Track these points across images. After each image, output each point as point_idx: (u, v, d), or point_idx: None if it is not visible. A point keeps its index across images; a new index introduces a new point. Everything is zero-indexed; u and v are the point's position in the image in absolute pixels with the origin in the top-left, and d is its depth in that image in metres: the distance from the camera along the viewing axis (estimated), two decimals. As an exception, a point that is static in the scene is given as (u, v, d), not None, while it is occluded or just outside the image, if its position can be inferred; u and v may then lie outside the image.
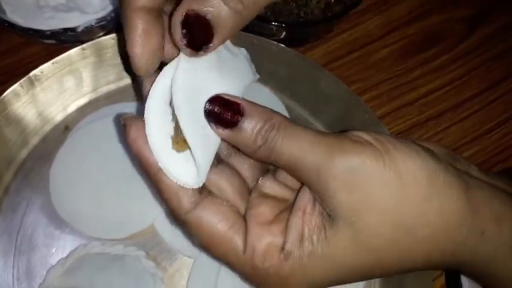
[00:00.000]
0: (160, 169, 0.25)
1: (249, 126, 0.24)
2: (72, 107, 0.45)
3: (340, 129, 0.44)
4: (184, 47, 0.24)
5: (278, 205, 0.26)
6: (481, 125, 0.49)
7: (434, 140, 0.47)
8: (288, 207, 0.26)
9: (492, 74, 0.51)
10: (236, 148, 0.27)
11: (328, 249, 0.24)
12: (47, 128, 0.44)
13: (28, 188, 0.42)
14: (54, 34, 0.45)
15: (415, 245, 0.24)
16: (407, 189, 0.23)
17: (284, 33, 0.46)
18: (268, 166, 0.29)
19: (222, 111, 0.24)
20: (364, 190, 0.23)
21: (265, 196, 0.27)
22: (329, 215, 0.24)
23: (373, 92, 0.49)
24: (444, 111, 0.49)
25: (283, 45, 0.45)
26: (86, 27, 0.45)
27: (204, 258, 0.39)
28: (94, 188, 0.41)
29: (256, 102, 0.45)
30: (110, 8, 0.46)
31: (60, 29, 0.44)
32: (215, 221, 0.25)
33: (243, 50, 0.29)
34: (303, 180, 0.25)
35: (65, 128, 0.44)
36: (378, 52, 0.51)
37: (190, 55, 0.25)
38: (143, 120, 0.25)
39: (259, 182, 0.28)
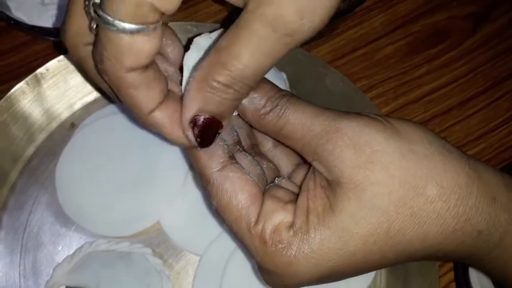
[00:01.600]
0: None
1: (260, 92, 0.25)
2: (78, 105, 0.45)
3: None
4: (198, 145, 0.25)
5: (292, 195, 0.27)
6: (487, 122, 0.48)
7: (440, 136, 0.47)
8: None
9: (498, 71, 0.51)
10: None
11: (334, 218, 0.23)
12: (53, 125, 0.44)
13: (34, 186, 0.42)
14: (59, 31, 0.44)
15: (424, 204, 0.23)
16: (409, 146, 0.23)
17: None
18: (283, 174, 0.29)
19: None
20: (367, 145, 0.23)
21: (281, 187, 0.27)
22: (331, 183, 0.24)
23: (378, 90, 0.49)
24: (450, 109, 0.49)
25: (288, 43, 0.44)
26: (92, 25, 0.45)
27: (211, 256, 0.39)
28: (100, 186, 0.41)
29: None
30: (115, 5, 0.46)
31: (66, 26, 0.44)
32: (237, 186, 0.25)
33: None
34: (310, 147, 0.25)
35: (71, 125, 0.44)
36: (383, 49, 0.51)
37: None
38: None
39: (275, 180, 0.28)
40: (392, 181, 0.23)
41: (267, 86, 0.25)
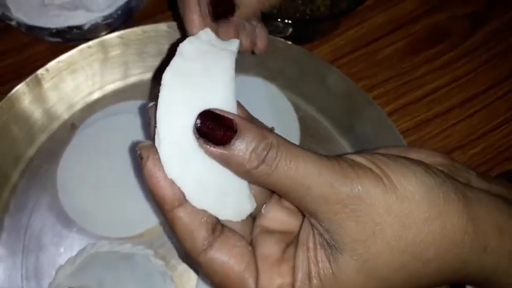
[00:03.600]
0: (176, 207, 0.23)
1: (243, 143, 0.22)
2: (79, 105, 0.45)
3: (347, 127, 0.44)
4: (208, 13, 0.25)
5: (284, 238, 0.26)
6: (488, 121, 0.48)
7: (442, 136, 0.47)
8: (294, 240, 0.26)
9: (498, 71, 0.51)
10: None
11: (336, 284, 0.23)
12: (54, 126, 0.44)
13: (35, 187, 0.41)
14: (59, 32, 0.45)
15: (421, 267, 0.23)
16: (409, 212, 0.23)
17: (290, 30, 0.46)
18: None
19: (214, 127, 0.22)
20: (370, 218, 0.23)
21: (269, 231, 0.26)
22: (331, 246, 0.23)
23: (380, 89, 0.49)
24: (451, 108, 0.49)
25: (290, 42, 0.45)
26: (92, 25, 0.45)
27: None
28: (101, 187, 0.41)
29: (263, 100, 0.46)
30: (115, 5, 0.46)
31: (66, 26, 0.44)
32: (229, 263, 0.24)
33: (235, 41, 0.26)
34: (306, 208, 0.23)
35: (72, 125, 0.44)
36: (384, 49, 0.51)
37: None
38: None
39: (263, 210, 0.27)
40: (392, 252, 0.23)
41: (250, 134, 0.22)
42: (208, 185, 0.24)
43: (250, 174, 0.23)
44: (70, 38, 0.46)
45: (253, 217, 0.27)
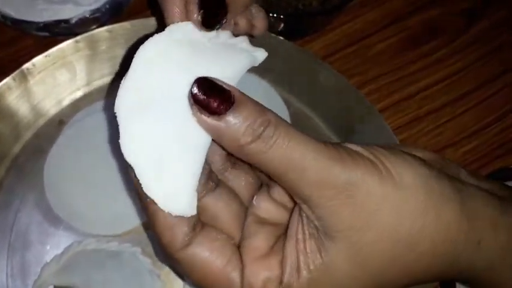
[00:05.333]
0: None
1: (240, 116, 0.21)
2: (66, 101, 0.44)
3: (339, 123, 0.44)
4: (200, 24, 0.24)
5: (274, 231, 0.25)
6: (481, 119, 0.48)
7: (434, 133, 0.47)
8: (283, 233, 0.25)
9: (491, 68, 0.51)
10: (227, 153, 0.25)
11: (327, 275, 0.23)
12: (41, 122, 0.43)
13: (21, 184, 0.41)
14: (47, 26, 0.44)
15: (415, 260, 0.23)
16: (406, 202, 0.22)
17: (282, 25, 0.45)
18: (263, 180, 0.27)
19: (209, 96, 0.21)
20: (366, 205, 0.22)
21: (261, 222, 0.25)
22: (322, 235, 0.23)
23: (372, 86, 0.48)
24: (443, 105, 0.48)
25: (281, 38, 0.44)
26: (80, 19, 0.44)
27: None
28: (89, 184, 0.40)
29: (254, 95, 0.45)
30: (104, -1, 0.45)
31: (54, 20, 0.44)
32: (210, 258, 0.23)
33: (243, 38, 0.27)
34: (300, 192, 0.22)
35: (59, 122, 0.43)
36: (377, 45, 0.50)
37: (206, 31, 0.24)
38: None
39: (254, 202, 0.26)
40: (387, 241, 0.22)
41: (247, 107, 0.22)
42: (161, 173, 0.22)
43: (244, 151, 0.21)
44: (57, 32, 0.45)
45: (245, 212, 0.26)
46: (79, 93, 0.44)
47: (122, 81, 0.22)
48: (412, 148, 0.27)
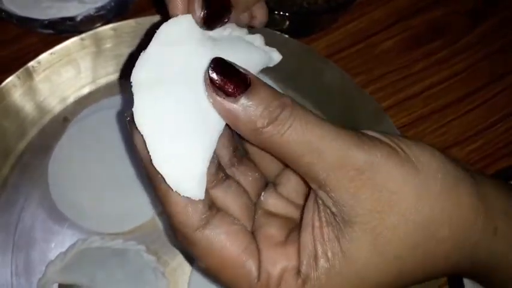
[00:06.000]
0: None
1: (256, 99, 0.21)
2: (71, 99, 0.44)
3: (344, 122, 0.44)
4: (202, 23, 0.23)
5: (286, 224, 0.24)
6: (486, 118, 0.48)
7: (440, 132, 0.47)
8: (296, 226, 0.24)
9: (496, 67, 0.50)
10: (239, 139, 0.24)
11: (346, 263, 0.22)
12: (46, 119, 0.43)
13: (26, 182, 0.41)
14: (52, 23, 0.44)
15: (436, 247, 0.22)
16: (425, 184, 0.22)
17: (287, 23, 0.45)
18: (269, 178, 0.27)
19: (226, 78, 0.21)
20: (386, 187, 0.21)
21: (271, 215, 0.25)
22: (341, 221, 0.22)
23: (377, 84, 0.48)
24: (448, 104, 0.48)
25: (286, 36, 0.44)
26: (85, 17, 0.44)
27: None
28: (93, 182, 0.40)
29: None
30: (109, -3, 0.45)
31: (59, 18, 0.43)
32: (228, 242, 0.22)
33: (257, 36, 0.26)
34: (316, 176, 0.21)
35: (64, 119, 0.43)
36: (382, 44, 0.50)
37: (207, 29, 0.24)
38: None
39: (262, 198, 0.26)
40: (407, 226, 0.21)
41: (264, 90, 0.21)
42: (173, 149, 0.22)
43: (260, 134, 0.21)
44: (62, 29, 0.45)
45: (253, 206, 0.25)
46: (84, 91, 0.44)
47: (142, 53, 0.22)
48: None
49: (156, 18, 0.45)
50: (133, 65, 0.22)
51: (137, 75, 0.22)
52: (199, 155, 0.22)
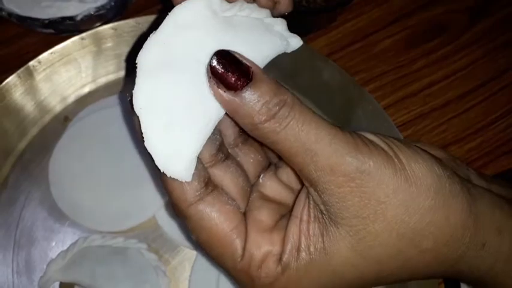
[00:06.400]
0: None
1: (256, 94, 0.21)
2: (72, 98, 0.44)
3: (343, 121, 0.44)
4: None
5: (279, 209, 0.25)
6: (485, 115, 0.48)
7: (439, 130, 0.47)
8: (288, 212, 0.25)
9: (495, 65, 0.51)
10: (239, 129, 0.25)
11: (325, 260, 0.22)
12: (46, 118, 0.43)
13: (27, 181, 0.41)
14: (52, 23, 0.44)
15: (417, 256, 0.23)
16: (416, 197, 0.22)
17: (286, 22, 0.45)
18: (272, 160, 0.28)
19: (228, 70, 0.21)
20: (375, 196, 0.22)
21: (266, 199, 0.25)
22: (327, 219, 0.22)
23: (376, 83, 0.48)
24: (448, 102, 0.48)
25: (286, 35, 0.44)
26: (85, 16, 0.44)
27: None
28: (95, 180, 0.40)
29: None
30: (109, -4, 0.45)
31: (59, 17, 0.44)
32: (218, 219, 0.23)
33: (279, 20, 0.25)
34: (308, 175, 0.22)
35: (65, 118, 0.43)
36: (381, 42, 0.50)
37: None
38: None
39: (260, 180, 0.26)
40: (390, 235, 0.22)
41: (265, 85, 0.21)
42: (165, 131, 0.22)
43: (257, 129, 0.21)
44: (63, 29, 0.45)
45: (250, 187, 0.26)
46: (84, 90, 0.44)
47: (150, 36, 0.22)
48: (428, 146, 0.27)
49: (155, 17, 0.45)
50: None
51: (143, 58, 0.22)
52: (191, 140, 0.22)
